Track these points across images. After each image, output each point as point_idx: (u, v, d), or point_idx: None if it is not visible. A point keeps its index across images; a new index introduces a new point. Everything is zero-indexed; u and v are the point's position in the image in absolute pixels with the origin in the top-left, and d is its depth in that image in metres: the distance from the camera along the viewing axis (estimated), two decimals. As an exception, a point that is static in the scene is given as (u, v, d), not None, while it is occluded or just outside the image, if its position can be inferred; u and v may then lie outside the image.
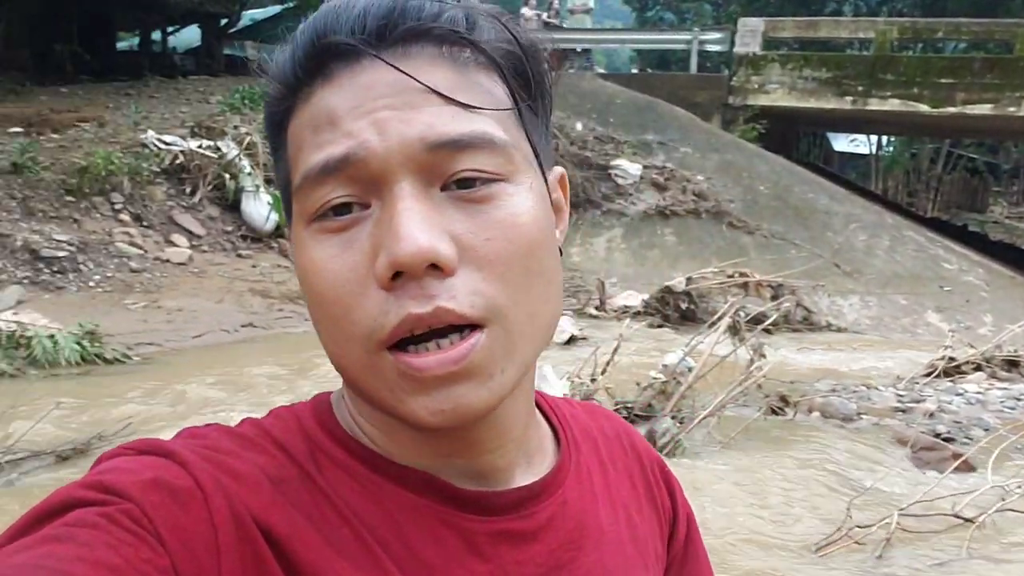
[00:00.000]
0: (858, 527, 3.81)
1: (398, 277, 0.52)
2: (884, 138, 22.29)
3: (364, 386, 0.56)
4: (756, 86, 13.43)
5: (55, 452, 4.17)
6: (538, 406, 0.70)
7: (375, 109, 0.54)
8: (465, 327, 0.53)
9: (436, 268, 0.52)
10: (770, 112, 13.35)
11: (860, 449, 5.21)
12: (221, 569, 0.51)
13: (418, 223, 0.52)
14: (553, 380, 4.85)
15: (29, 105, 11.29)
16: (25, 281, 7.05)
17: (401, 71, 0.53)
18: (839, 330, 8.99)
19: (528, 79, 0.59)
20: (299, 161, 0.56)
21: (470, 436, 0.60)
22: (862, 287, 9.84)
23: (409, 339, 0.53)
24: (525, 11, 16.44)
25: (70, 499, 0.50)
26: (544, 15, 16.53)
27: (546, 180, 0.61)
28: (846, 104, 13.06)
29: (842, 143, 24.68)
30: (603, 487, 0.70)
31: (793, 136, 18.62)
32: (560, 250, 0.62)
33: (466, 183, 0.54)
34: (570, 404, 0.76)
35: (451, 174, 0.54)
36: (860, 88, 12.85)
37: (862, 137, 22.81)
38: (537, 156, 0.60)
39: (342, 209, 0.54)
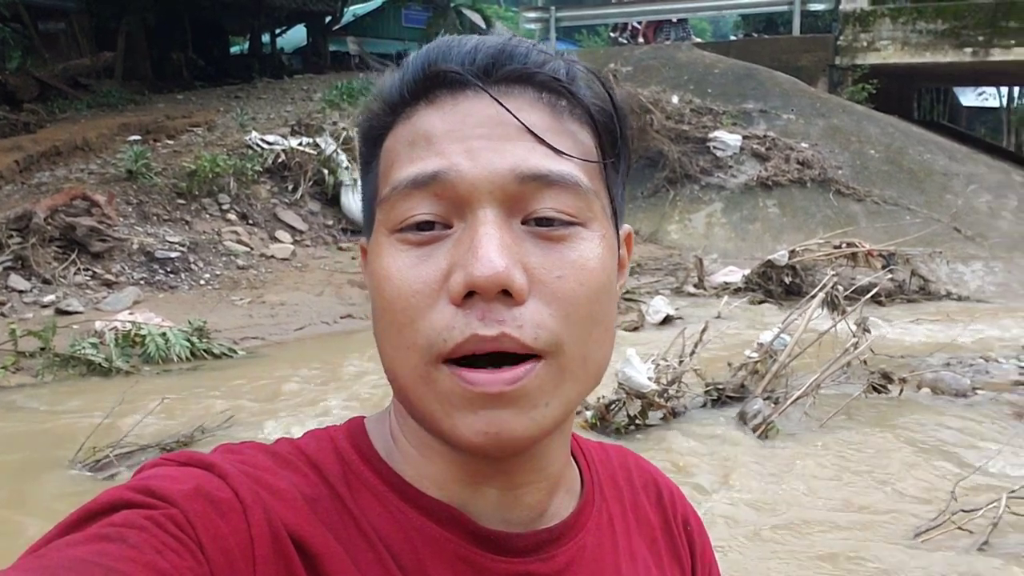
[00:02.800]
0: (963, 511, 3.58)
1: (470, 296, 0.54)
2: (1016, 90, 20.71)
3: (414, 397, 0.58)
4: (865, 44, 12.71)
5: (160, 445, 4.41)
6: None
7: (471, 136, 0.57)
8: (522, 357, 0.55)
9: (507, 295, 0.54)
10: (882, 71, 12.61)
11: (972, 427, 4.90)
12: None
13: (497, 248, 0.54)
14: (637, 363, 4.75)
15: (147, 113, 11.96)
16: (141, 282, 7.49)
17: (502, 105, 0.57)
18: (960, 299, 8.45)
19: (615, 137, 0.62)
20: (390, 173, 0.59)
21: (504, 466, 0.61)
22: (986, 252, 9.21)
23: (468, 359, 0.55)
24: None
25: (118, 500, 0.52)
26: None
27: (618, 234, 0.64)
28: (966, 56, 12.18)
29: (970, 97, 23.10)
30: (624, 536, 0.71)
31: (910, 94, 17.55)
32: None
33: (545, 222, 0.57)
34: (604, 449, 0.77)
35: (533, 210, 0.57)
36: (980, 38, 11.95)
37: (991, 90, 21.28)
38: (615, 210, 0.63)
39: (425, 226, 0.57)
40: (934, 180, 10.43)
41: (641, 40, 15.43)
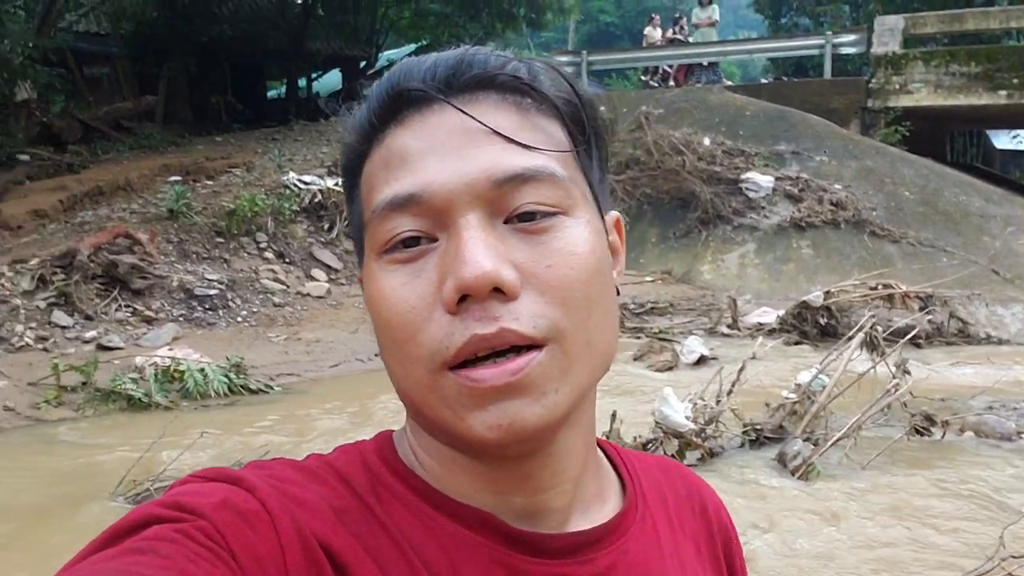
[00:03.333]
0: (1012, 557, 3.49)
1: (464, 300, 0.55)
2: (1051, 132, 20.52)
3: (425, 408, 0.58)
4: (897, 87, 12.71)
5: (197, 478, 4.44)
6: (607, 455, 0.72)
7: (442, 149, 0.58)
8: (524, 348, 0.56)
9: (500, 292, 0.55)
10: (915, 113, 12.59)
11: (1020, 471, 4.79)
12: None
13: (482, 250, 0.55)
14: (675, 402, 4.73)
15: (187, 155, 12.23)
16: (180, 319, 7.60)
17: (467, 113, 0.58)
18: (1000, 342, 8.31)
19: (583, 125, 0.63)
20: (371, 198, 0.60)
21: (525, 470, 0.61)
22: (1026, 294, 9.07)
23: (471, 361, 0.55)
24: (649, 31, 16.31)
25: (149, 516, 0.53)
26: (669, 32, 16.36)
27: (603, 220, 0.64)
28: (1000, 99, 12.14)
29: (1003, 140, 22.90)
30: (670, 543, 0.70)
31: (944, 136, 17.47)
32: (617, 290, 0.65)
33: (527, 216, 0.58)
34: (643, 458, 0.76)
35: (514, 208, 0.58)
36: (1016, 81, 11.91)
37: (1026, 132, 21.11)
38: (596, 197, 0.64)
39: (410, 242, 0.58)
40: (970, 222, 10.34)
41: (672, 83, 15.56)
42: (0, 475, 4.71)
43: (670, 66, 15.98)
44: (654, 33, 16.24)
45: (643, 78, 16.98)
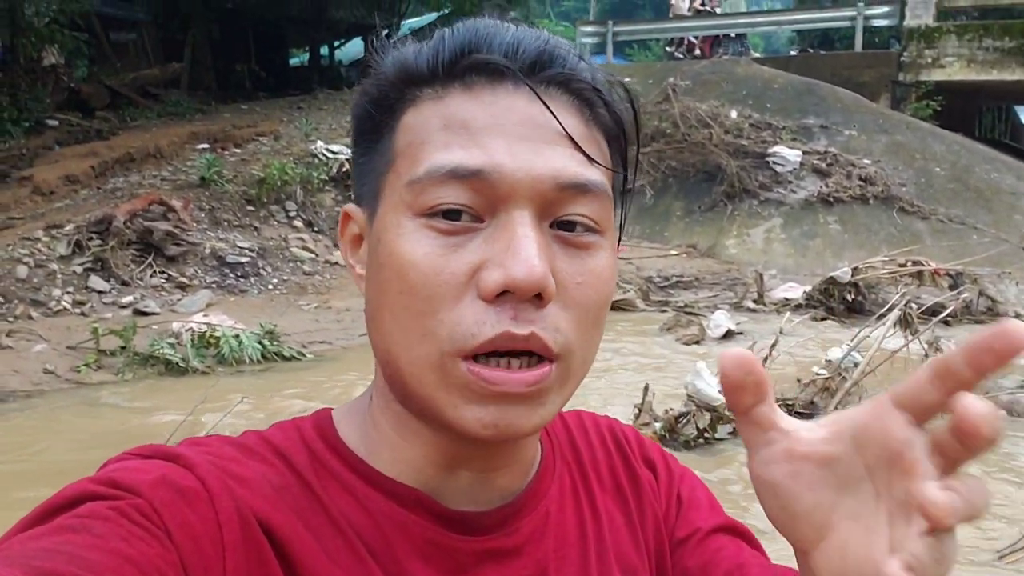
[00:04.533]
0: (1045, 533, 3.54)
1: (503, 295, 0.55)
2: (1082, 108, 20.18)
3: (418, 384, 0.58)
4: (930, 60, 12.55)
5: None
6: None
7: (512, 135, 0.57)
8: (539, 359, 0.57)
9: (538, 297, 0.56)
10: (946, 87, 12.43)
11: (1051, 449, 4.81)
12: (226, 566, 0.54)
13: (536, 252, 0.55)
14: (707, 376, 4.76)
15: (214, 123, 12.27)
16: (213, 285, 7.70)
17: (549, 108, 0.57)
18: (1028, 321, 8.27)
19: (625, 149, 0.64)
20: (421, 154, 0.58)
21: (485, 452, 0.63)
22: (1056, 273, 9.00)
23: (482, 355, 0.56)
24: (676, 1, 16.10)
25: (82, 493, 0.52)
26: (697, 3, 16.14)
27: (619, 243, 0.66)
28: (1034, 75, 11.98)
29: (1032, 116, 22.57)
30: (586, 496, 0.71)
31: (974, 112, 17.24)
32: None
33: (568, 226, 0.58)
34: (560, 416, 0.75)
35: (563, 214, 0.58)
36: (1050, 56, 11.74)
37: (1055, 108, 20.77)
38: (622, 224, 0.66)
39: (452, 214, 0.57)
40: (1002, 199, 10.25)
41: (698, 54, 15.39)
42: (46, 437, 4.82)
43: (696, 37, 15.81)
44: (681, 3, 16.03)
45: (668, 49, 16.76)
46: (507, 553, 0.64)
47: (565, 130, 0.58)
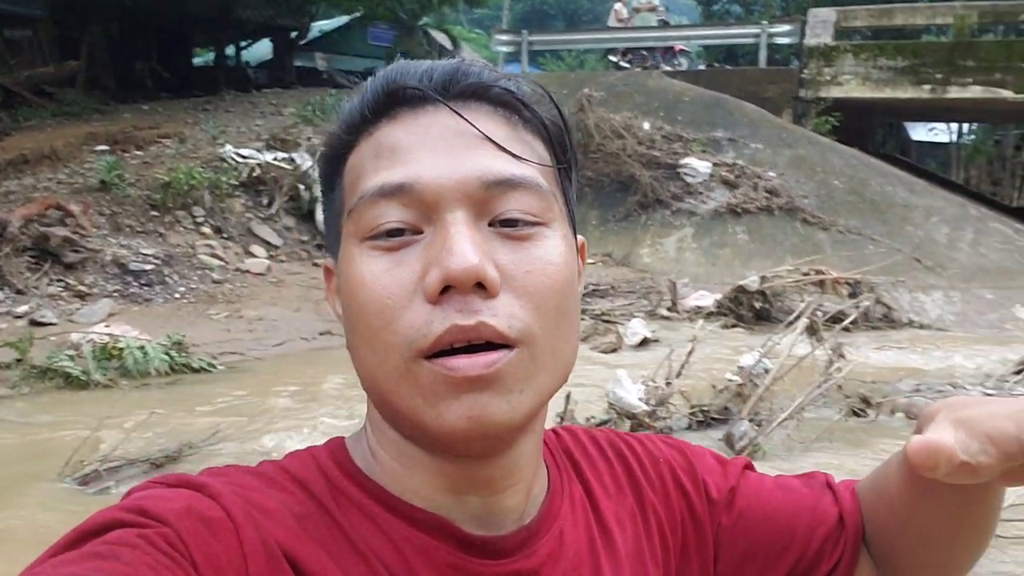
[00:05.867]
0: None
1: (445, 292, 0.57)
2: (965, 126, 21.45)
3: (395, 397, 0.59)
4: (828, 78, 13.10)
5: (149, 460, 4.35)
6: None
7: (435, 147, 0.60)
8: (497, 345, 0.57)
9: (481, 288, 0.57)
10: (844, 104, 13.00)
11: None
12: None
13: (470, 244, 0.57)
14: (628, 384, 4.83)
15: (113, 123, 11.77)
16: (115, 294, 7.36)
17: (463, 117, 0.60)
18: (921, 327, 8.71)
19: (565, 147, 0.67)
20: (357, 186, 0.62)
21: (484, 471, 0.63)
22: (945, 282, 9.51)
23: (445, 352, 0.57)
24: (618, 7, 15.91)
25: (111, 520, 0.53)
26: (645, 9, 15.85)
27: (575, 238, 0.68)
28: (924, 93, 12.62)
29: (920, 132, 23.85)
30: (593, 509, 0.73)
31: (870, 128, 18.09)
32: None
33: (510, 223, 0.60)
34: (555, 433, 0.78)
35: (499, 212, 0.60)
36: (939, 76, 12.40)
37: (941, 125, 22.01)
38: (570, 214, 0.67)
39: (395, 233, 0.59)
40: (895, 211, 10.77)
41: (651, 65, 15.13)
42: (-66, 456, 4.51)
43: (647, 49, 15.68)
44: (623, 10, 15.95)
45: (612, 59, 16.51)
46: (527, 575, 0.64)
47: (482, 132, 0.60)
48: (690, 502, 0.77)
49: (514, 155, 0.61)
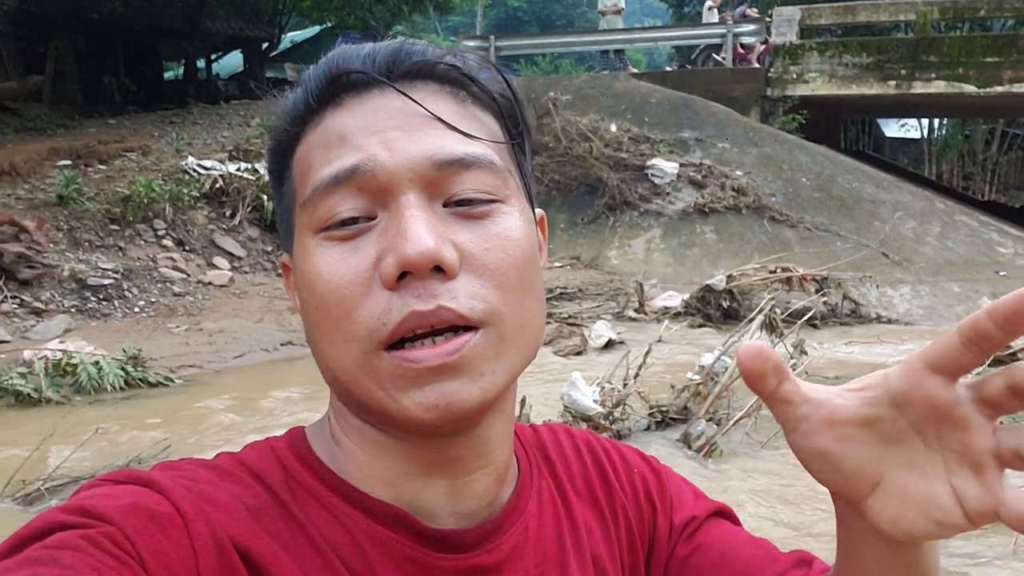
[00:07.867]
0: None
1: (403, 277, 0.55)
2: (936, 121, 21.63)
3: (358, 389, 0.58)
4: (794, 76, 13.16)
5: (95, 477, 4.25)
6: None
7: (384, 129, 0.59)
8: (462, 328, 0.56)
9: (439, 271, 0.56)
10: (811, 102, 13.06)
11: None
12: None
13: (425, 228, 0.56)
14: (582, 386, 4.79)
15: (78, 138, 11.64)
16: (72, 310, 7.25)
17: (410, 98, 0.59)
18: (889, 322, 8.73)
19: (516, 120, 0.65)
20: (308, 177, 0.60)
21: (453, 452, 0.61)
22: (912, 276, 9.55)
23: (407, 339, 0.55)
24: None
25: (52, 523, 0.51)
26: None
27: (533, 212, 0.66)
28: (889, 89, 12.71)
29: (892, 129, 24.03)
30: (564, 508, 0.72)
31: (838, 125, 18.19)
32: None
33: (465, 202, 0.59)
34: (535, 429, 0.77)
35: (453, 192, 0.59)
36: (903, 72, 12.48)
37: (913, 121, 22.19)
38: (527, 188, 0.66)
39: (349, 222, 0.58)
40: (862, 207, 10.81)
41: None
42: None
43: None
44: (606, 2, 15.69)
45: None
46: (487, 571, 0.63)
47: (430, 112, 0.59)
48: (655, 518, 0.76)
49: (464, 133, 0.59)
